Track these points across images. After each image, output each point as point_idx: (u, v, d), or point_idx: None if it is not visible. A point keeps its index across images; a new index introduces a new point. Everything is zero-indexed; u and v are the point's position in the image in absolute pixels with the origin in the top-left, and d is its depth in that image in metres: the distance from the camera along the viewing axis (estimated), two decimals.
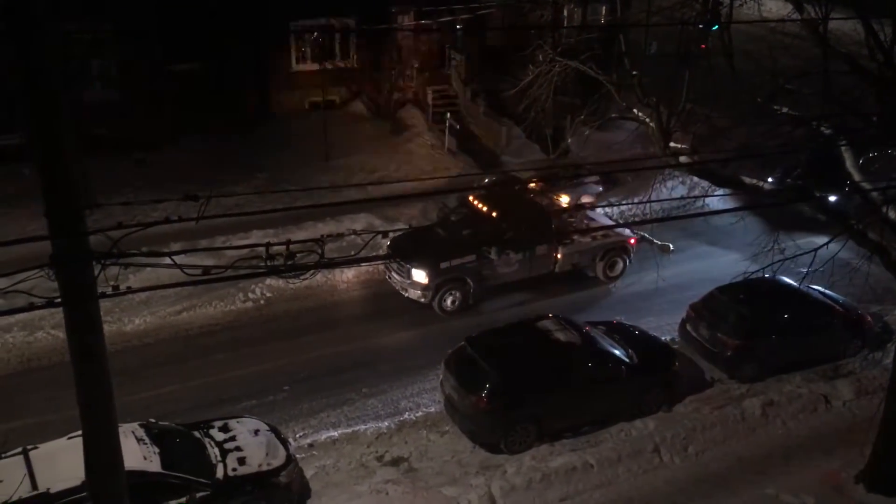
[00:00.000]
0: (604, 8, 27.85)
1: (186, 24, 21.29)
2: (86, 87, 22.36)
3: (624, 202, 21.57)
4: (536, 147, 25.73)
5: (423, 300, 17.16)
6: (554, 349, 14.13)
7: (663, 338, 16.22)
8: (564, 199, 19.13)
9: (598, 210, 20.07)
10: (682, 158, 14.63)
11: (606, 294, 18.57)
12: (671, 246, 19.23)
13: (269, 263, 10.00)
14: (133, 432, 11.31)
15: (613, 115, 19.40)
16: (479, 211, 18.05)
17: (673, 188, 20.00)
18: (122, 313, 16.56)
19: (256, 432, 12.43)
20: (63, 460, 10.47)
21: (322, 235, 12.40)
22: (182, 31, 21.48)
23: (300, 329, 16.78)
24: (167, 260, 7.80)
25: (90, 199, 6.43)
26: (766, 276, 11.96)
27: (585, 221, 18.91)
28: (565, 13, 26.45)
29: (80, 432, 10.12)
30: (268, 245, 8.76)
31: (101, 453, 7.13)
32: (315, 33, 25.68)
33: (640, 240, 19.68)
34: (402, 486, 12.56)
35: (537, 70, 19.20)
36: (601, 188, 22.29)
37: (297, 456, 12.60)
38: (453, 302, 17.33)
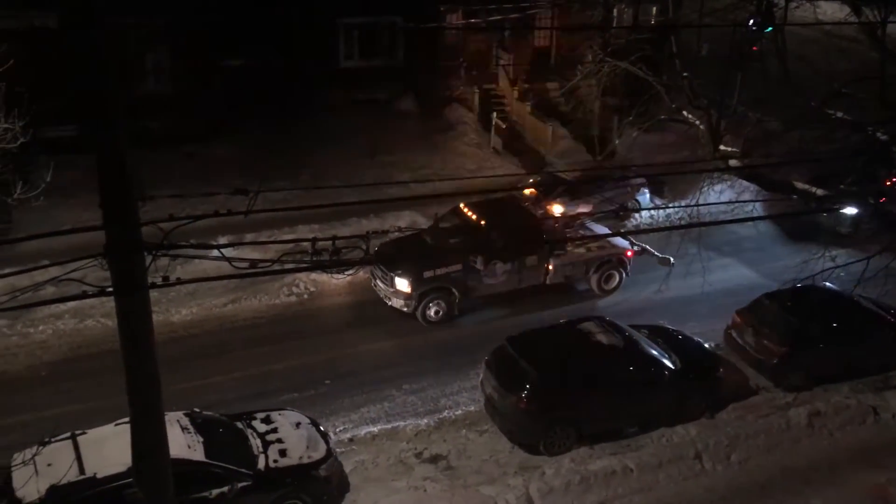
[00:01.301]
0: (654, 8, 27.57)
1: (238, 21, 21.57)
2: (140, 81, 22.81)
3: (671, 206, 21.36)
4: (582, 148, 25.56)
5: (405, 309, 16.64)
6: (596, 351, 14.02)
7: (708, 343, 15.99)
8: (557, 209, 18.38)
9: (596, 224, 19.28)
10: (732, 162, 14.42)
11: (647, 299, 18.23)
12: (672, 259, 18.14)
13: (314, 258, 10.17)
14: (178, 421, 11.50)
15: (662, 117, 19.19)
16: (469, 219, 17.40)
17: (721, 192, 19.72)
18: (169, 304, 16.86)
19: (298, 425, 12.57)
20: (110, 446, 10.70)
21: (367, 232, 12.58)
22: (233, 27, 21.78)
23: (342, 324, 16.93)
24: (215, 252, 7.96)
25: (142, 191, 6.54)
26: (815, 284, 11.72)
27: (582, 233, 18.24)
28: (615, 13, 26.23)
29: (127, 419, 10.35)
30: (314, 240, 8.89)
31: (148, 440, 7.28)
32: (363, 30, 25.84)
33: (641, 252, 18.68)
34: (440, 484, 12.58)
35: (586, 70, 19.08)
36: (647, 190, 22.02)
37: (337, 450, 12.69)
38: (437, 312, 16.77)
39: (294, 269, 15.89)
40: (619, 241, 18.38)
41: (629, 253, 18.29)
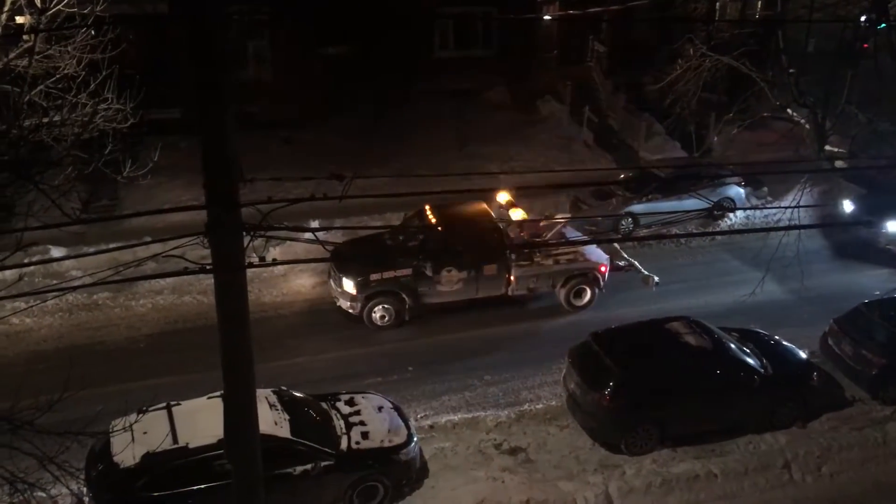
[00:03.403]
0: (760, 2, 26.67)
1: (338, 9, 21.95)
2: (242, 68, 23.50)
3: (768, 206, 20.69)
4: (677, 144, 24.99)
5: (351, 311, 16.22)
6: (683, 352, 13.73)
7: (802, 351, 15.42)
8: (517, 214, 16.50)
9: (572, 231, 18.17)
10: (838, 163, 13.84)
11: (739, 302, 17.51)
12: (656, 279, 17.16)
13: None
14: (266, 398, 11.83)
15: (765, 114, 18.53)
16: (429, 222, 16.68)
17: (824, 193, 18.97)
18: (261, 284, 17.37)
19: (380, 409, 12.77)
20: (202, 418, 11.12)
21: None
22: (333, 15, 22.16)
23: (425, 312, 17.03)
24: (307, 235, 8.16)
25: (242, 173, 6.74)
26: None
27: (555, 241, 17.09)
28: (718, 6, 25.48)
29: (218, 393, 10.74)
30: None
31: (239, 414, 7.53)
32: (459, 20, 25.90)
33: (628, 267, 17.53)
34: (518, 476, 12.58)
35: (686, 65, 18.59)
36: (743, 190, 21.37)
37: (418, 436, 12.85)
38: (383, 317, 16.27)
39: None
40: (595, 255, 17.16)
41: (603, 268, 17.03)
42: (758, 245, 16.73)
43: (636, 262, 17.62)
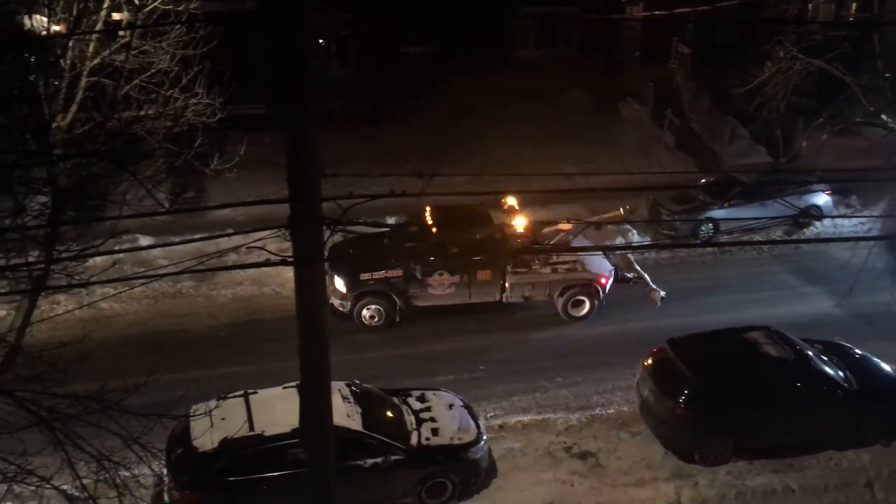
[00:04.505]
0: (854, 4, 25.70)
1: (420, 9, 22.12)
2: (325, 66, 23.94)
3: (857, 214, 19.94)
4: (762, 149, 24.31)
5: (342, 309, 16.17)
6: (762, 362, 13.37)
7: (890, 366, 14.80)
8: (520, 222, 16.24)
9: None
10: None
11: (825, 314, 16.93)
12: (662, 293, 16.52)
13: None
14: (339, 390, 12.03)
15: (858, 120, 17.83)
16: (426, 224, 16.42)
17: None
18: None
19: (451, 406, 12.84)
20: (277, 407, 11.39)
21: (533, 222, 12.62)
22: (415, 14, 22.35)
23: (499, 311, 17.00)
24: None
25: (324, 169, 6.88)
26: None
27: (560, 255, 16.57)
28: (810, 7, 24.67)
29: (294, 383, 10.99)
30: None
31: (315, 405, 7.68)
32: (541, 20, 25.78)
33: (637, 280, 16.91)
34: (587, 481, 12.47)
35: (774, 67, 18.03)
36: (830, 198, 20.63)
37: (487, 435, 12.86)
38: (373, 317, 16.19)
39: (458, 254, 16.16)
40: (597, 266, 16.67)
41: (603, 279, 16.53)
42: (846, 255, 16.17)
43: (646, 276, 17.07)
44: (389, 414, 12.41)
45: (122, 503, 7.83)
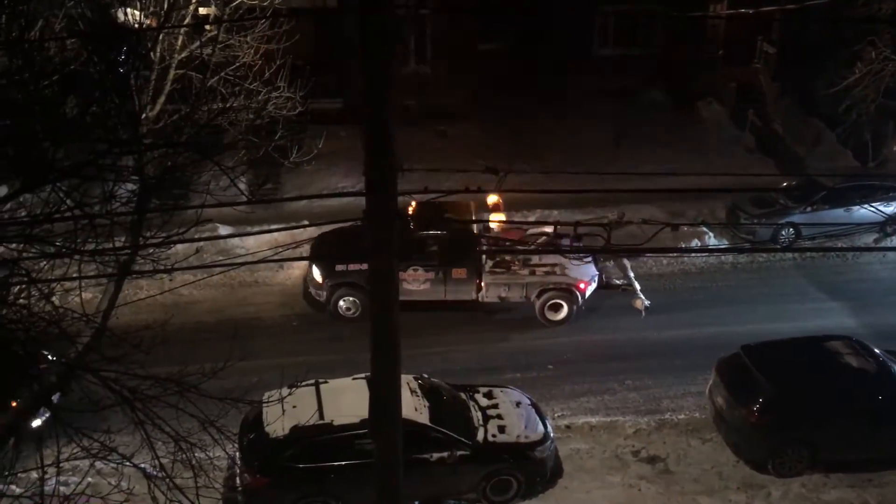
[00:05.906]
0: None
1: (499, 6, 22.06)
2: (404, 62, 24.12)
3: None
4: (849, 153, 23.44)
5: (319, 299, 16.34)
6: (842, 373, 12.97)
7: None
8: (496, 218, 15.98)
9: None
10: None
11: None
12: (647, 303, 16.17)
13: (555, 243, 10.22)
14: (408, 384, 12.14)
15: None
16: (408, 218, 15.74)
17: None
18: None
19: (518, 404, 12.82)
20: (346, 397, 11.59)
21: (609, 221, 12.48)
22: (495, 12, 22.30)
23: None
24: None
25: (400, 164, 6.95)
26: None
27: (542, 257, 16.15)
28: None
29: (363, 374, 11.16)
30: (556, 224, 8.98)
31: (384, 397, 7.77)
32: (621, 18, 25.39)
33: (625, 287, 16.62)
34: (655, 486, 12.30)
35: (865, 69, 17.34)
36: None
37: (554, 435, 12.79)
38: (349, 309, 16.17)
39: (533, 251, 16.06)
40: (578, 271, 16.19)
41: (583, 285, 16.14)
42: None
43: (636, 283, 16.71)
44: (456, 409, 12.47)
45: (198, 483, 8.05)
